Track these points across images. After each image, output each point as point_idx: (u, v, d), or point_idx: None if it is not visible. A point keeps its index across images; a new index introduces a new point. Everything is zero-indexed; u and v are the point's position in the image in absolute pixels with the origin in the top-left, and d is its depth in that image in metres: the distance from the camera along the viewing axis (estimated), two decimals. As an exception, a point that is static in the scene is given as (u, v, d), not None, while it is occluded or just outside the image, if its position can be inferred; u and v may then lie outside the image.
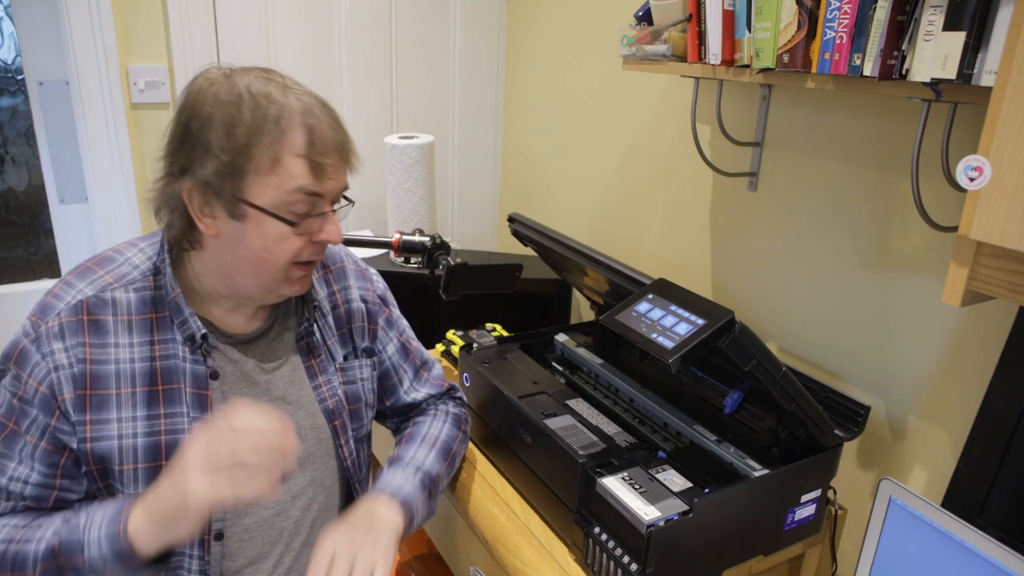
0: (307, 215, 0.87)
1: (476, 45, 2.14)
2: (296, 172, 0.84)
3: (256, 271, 0.89)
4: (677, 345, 0.89)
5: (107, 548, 0.81)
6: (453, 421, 1.19)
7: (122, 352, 0.89)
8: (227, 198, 0.84)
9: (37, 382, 0.86)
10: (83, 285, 0.91)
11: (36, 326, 0.88)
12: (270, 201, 0.84)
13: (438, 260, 1.47)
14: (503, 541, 1.14)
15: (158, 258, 0.93)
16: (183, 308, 0.91)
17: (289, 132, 0.83)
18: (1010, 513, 1.00)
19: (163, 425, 0.90)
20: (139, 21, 1.69)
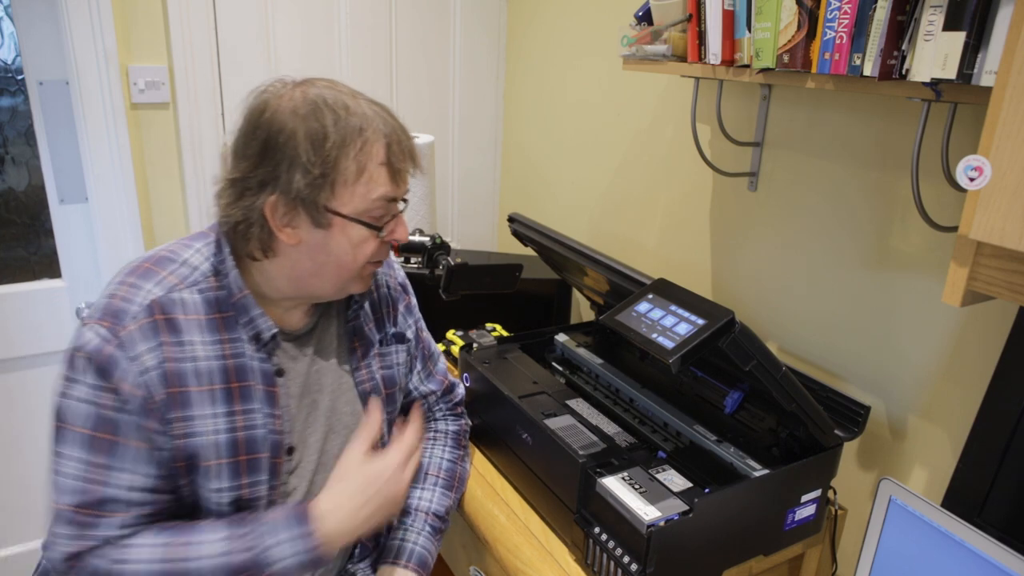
0: (385, 218, 0.92)
1: (476, 45, 2.13)
2: (380, 180, 0.89)
3: (336, 273, 0.93)
4: (677, 345, 0.89)
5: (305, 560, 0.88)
6: (453, 442, 1.23)
7: (198, 350, 0.90)
8: (313, 208, 0.87)
9: (131, 386, 0.86)
10: (150, 285, 0.90)
11: (114, 331, 0.86)
12: (355, 208, 0.89)
13: (438, 260, 1.47)
14: (503, 541, 1.14)
15: (216, 259, 0.93)
16: (252, 308, 0.93)
17: (372, 143, 0.88)
18: (1010, 513, 1.00)
19: (240, 421, 0.93)
20: (139, 21, 1.69)
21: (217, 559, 0.85)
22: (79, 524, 0.86)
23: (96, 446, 0.86)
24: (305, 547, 0.88)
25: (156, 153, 1.79)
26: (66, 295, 1.82)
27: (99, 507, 0.86)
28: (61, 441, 0.87)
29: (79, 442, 0.86)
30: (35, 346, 1.81)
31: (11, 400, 1.82)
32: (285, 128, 0.85)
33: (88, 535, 0.86)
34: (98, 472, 0.86)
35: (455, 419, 1.26)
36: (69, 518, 0.86)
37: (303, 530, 0.88)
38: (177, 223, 1.85)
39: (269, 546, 0.87)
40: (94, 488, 0.86)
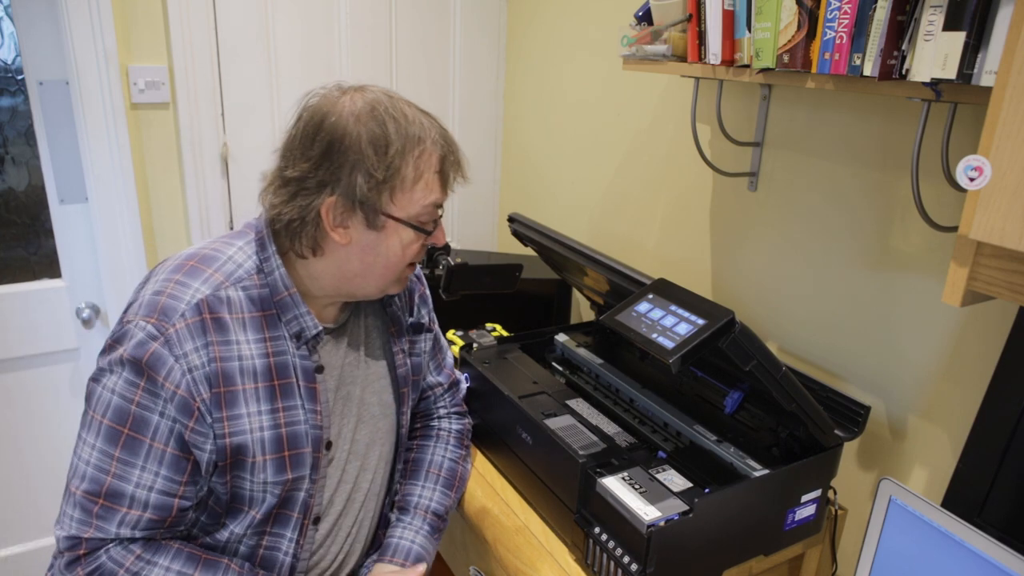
0: (431, 223, 0.96)
1: (476, 45, 2.13)
2: (434, 187, 0.94)
3: (382, 274, 0.97)
4: (677, 345, 0.89)
5: None
6: (456, 441, 1.24)
7: (243, 349, 0.91)
8: (370, 211, 0.90)
9: (174, 385, 0.86)
10: (198, 284, 0.90)
11: (162, 328, 0.87)
12: (408, 213, 0.93)
13: (438, 260, 1.47)
14: (503, 541, 1.14)
15: (259, 257, 0.95)
16: (298, 306, 0.95)
17: (431, 152, 0.92)
18: (1010, 513, 1.00)
19: (283, 418, 0.94)
20: (139, 21, 1.69)
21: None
22: (88, 511, 0.87)
23: (119, 441, 0.87)
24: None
25: (156, 153, 1.79)
26: (66, 295, 1.82)
27: (111, 499, 0.87)
28: (86, 427, 0.88)
29: (103, 433, 0.87)
30: (35, 346, 1.81)
31: (11, 400, 1.82)
32: (349, 133, 0.88)
33: (95, 524, 0.87)
34: (116, 466, 0.87)
35: (459, 418, 1.26)
36: (80, 503, 0.87)
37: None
38: (177, 223, 1.86)
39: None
40: (109, 480, 0.87)
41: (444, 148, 0.94)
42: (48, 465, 1.91)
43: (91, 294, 1.85)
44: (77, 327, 1.85)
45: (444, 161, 0.94)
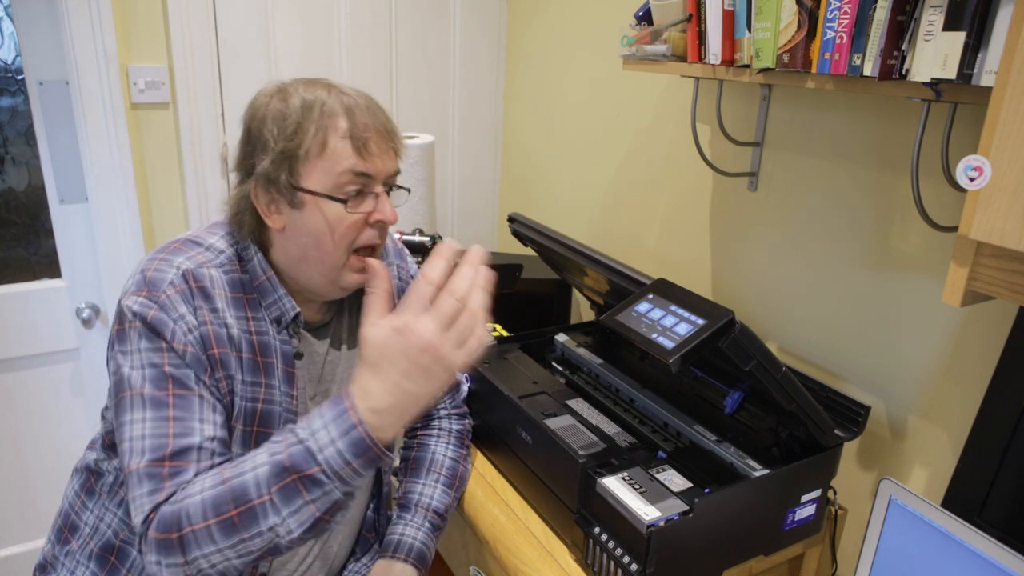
0: (359, 194, 0.92)
1: (476, 45, 2.13)
2: (343, 153, 0.89)
3: (319, 258, 0.93)
4: (677, 345, 0.89)
5: (344, 445, 0.76)
6: (457, 440, 1.23)
7: (229, 319, 0.92)
8: (285, 188, 0.90)
9: (183, 344, 0.87)
10: (181, 259, 0.92)
11: (153, 297, 0.88)
12: (323, 185, 0.90)
13: (438, 260, 1.46)
14: (503, 541, 1.14)
15: (239, 246, 0.96)
16: (276, 289, 0.96)
17: (332, 116, 0.89)
18: (1010, 513, 1.00)
19: (262, 393, 0.95)
20: (139, 21, 1.69)
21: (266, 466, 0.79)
22: (158, 477, 0.83)
23: (168, 402, 0.86)
24: (343, 427, 0.76)
25: (156, 153, 1.79)
26: (66, 295, 1.82)
27: (178, 459, 0.84)
28: (124, 410, 0.86)
29: (146, 403, 0.85)
30: (35, 346, 1.81)
31: (11, 400, 1.82)
32: (257, 114, 0.91)
33: (166, 485, 0.83)
34: (174, 426, 0.85)
35: (459, 418, 1.26)
36: (148, 473, 0.83)
37: (338, 410, 0.77)
38: (177, 223, 1.86)
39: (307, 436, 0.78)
40: (171, 443, 0.84)
41: (349, 111, 0.90)
42: (48, 465, 1.91)
43: (91, 294, 1.85)
44: (77, 327, 1.85)
45: (351, 124, 0.90)
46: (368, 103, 0.93)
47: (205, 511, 0.79)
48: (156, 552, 0.80)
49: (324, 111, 0.89)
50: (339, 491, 0.78)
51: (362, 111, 0.91)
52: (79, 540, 1.01)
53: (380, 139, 0.92)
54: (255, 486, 0.78)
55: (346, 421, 0.76)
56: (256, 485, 0.78)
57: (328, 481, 0.77)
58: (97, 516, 0.99)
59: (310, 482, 0.77)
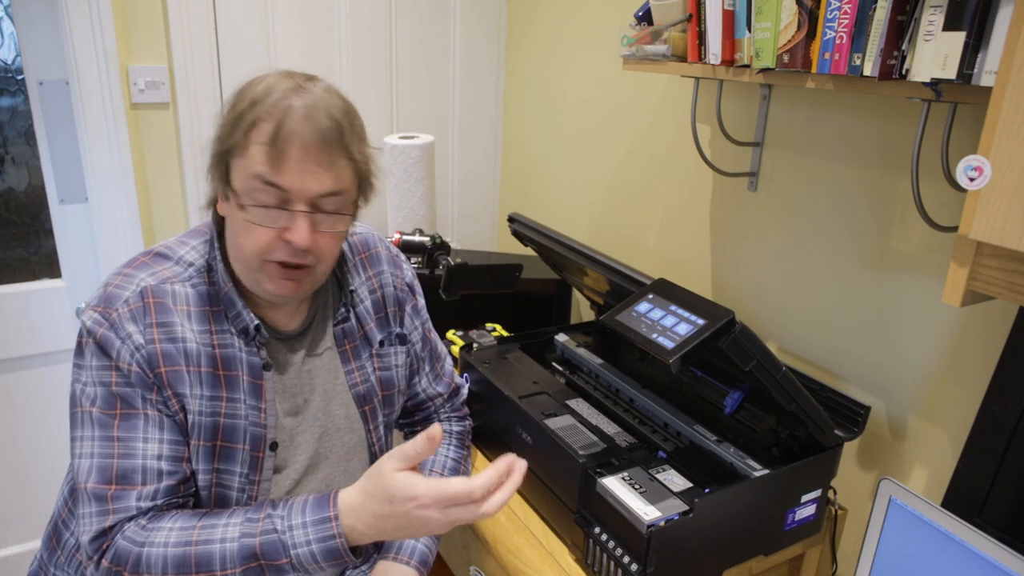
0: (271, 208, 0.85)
1: (476, 45, 2.13)
2: (256, 158, 0.84)
3: (237, 257, 0.92)
4: (677, 345, 0.89)
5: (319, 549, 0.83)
6: (457, 441, 1.23)
7: (186, 333, 0.92)
8: (221, 179, 0.89)
9: (127, 364, 0.88)
10: (144, 275, 0.92)
11: (106, 315, 0.89)
12: (240, 185, 0.86)
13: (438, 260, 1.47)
14: (503, 541, 1.14)
15: (210, 255, 0.95)
16: (236, 301, 0.94)
17: (261, 121, 0.84)
18: (1010, 513, 1.00)
19: (223, 408, 0.93)
20: (139, 21, 1.69)
21: (236, 543, 0.84)
22: (104, 499, 0.86)
23: (114, 422, 0.88)
24: (321, 535, 0.83)
25: (156, 153, 1.79)
26: (66, 295, 1.82)
27: (123, 480, 0.87)
28: (76, 426, 0.89)
29: (94, 421, 0.88)
30: (35, 346, 1.81)
31: (11, 400, 1.82)
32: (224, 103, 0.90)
33: (114, 508, 0.86)
34: (119, 446, 0.87)
35: (459, 419, 1.26)
36: (94, 494, 0.86)
37: (322, 516, 0.84)
38: (177, 223, 1.85)
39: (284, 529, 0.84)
40: (116, 462, 0.87)
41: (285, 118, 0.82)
42: (48, 465, 1.91)
43: (91, 294, 1.85)
44: (77, 327, 1.85)
45: (277, 132, 0.82)
46: (324, 116, 0.84)
47: (166, 566, 0.84)
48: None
49: (259, 111, 0.83)
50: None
51: (298, 119, 0.83)
52: (64, 551, 1.00)
53: (305, 153, 0.83)
54: (220, 559, 0.83)
55: (327, 530, 0.83)
56: (222, 559, 0.83)
57: (292, 572, 0.84)
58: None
59: (275, 570, 0.84)
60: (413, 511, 0.80)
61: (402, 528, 0.82)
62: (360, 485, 0.85)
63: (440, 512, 0.80)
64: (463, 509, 0.81)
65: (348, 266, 1.07)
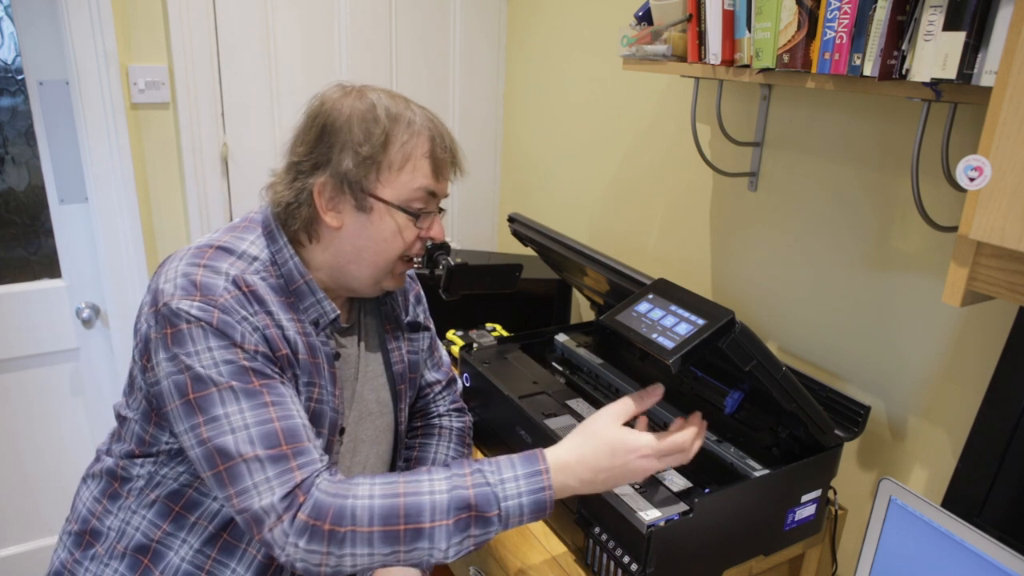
0: (423, 211, 0.96)
1: (476, 45, 2.13)
2: (423, 171, 0.94)
3: (372, 261, 0.97)
4: (677, 345, 0.89)
5: (528, 501, 0.86)
6: (458, 439, 1.23)
7: (284, 321, 0.93)
8: (358, 192, 0.93)
9: (252, 345, 0.87)
10: (226, 265, 0.91)
11: (211, 302, 0.86)
12: (396, 196, 0.94)
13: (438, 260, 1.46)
14: (503, 541, 1.14)
15: (271, 249, 0.96)
16: (315, 292, 0.97)
17: (419, 135, 0.94)
18: (1010, 513, 1.00)
19: (315, 393, 0.96)
20: (139, 21, 1.69)
21: (446, 495, 0.84)
22: (282, 459, 0.84)
23: (258, 391, 0.86)
24: (532, 487, 0.86)
25: (156, 153, 1.79)
26: (66, 295, 1.82)
27: (293, 439, 0.86)
28: (214, 404, 0.84)
29: (237, 396, 0.85)
30: (35, 346, 1.81)
31: (11, 400, 1.82)
32: (341, 115, 0.92)
33: (296, 466, 0.84)
34: (275, 410, 0.86)
35: (459, 415, 1.25)
36: (269, 459, 0.83)
37: (534, 469, 0.87)
38: (177, 223, 1.86)
39: (496, 482, 0.86)
40: (277, 424, 0.85)
41: (434, 133, 0.95)
42: (48, 465, 1.91)
43: (91, 294, 1.85)
44: (77, 327, 1.85)
45: (434, 147, 0.95)
46: (446, 128, 0.98)
47: (372, 517, 0.83)
48: (300, 535, 0.82)
49: (413, 127, 0.93)
50: (495, 533, 0.86)
51: (442, 134, 0.96)
52: (104, 544, 1.00)
53: (453, 164, 0.98)
54: (431, 510, 0.84)
55: (538, 483, 0.86)
56: (432, 509, 0.84)
57: (497, 524, 0.86)
58: (123, 520, 0.98)
59: (483, 521, 0.85)
60: (633, 461, 0.88)
61: (615, 478, 0.89)
62: (573, 443, 0.91)
63: (659, 461, 0.90)
64: (674, 457, 0.91)
65: None
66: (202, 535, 0.95)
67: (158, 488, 0.96)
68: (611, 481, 0.89)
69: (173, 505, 0.95)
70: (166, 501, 0.96)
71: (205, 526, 0.95)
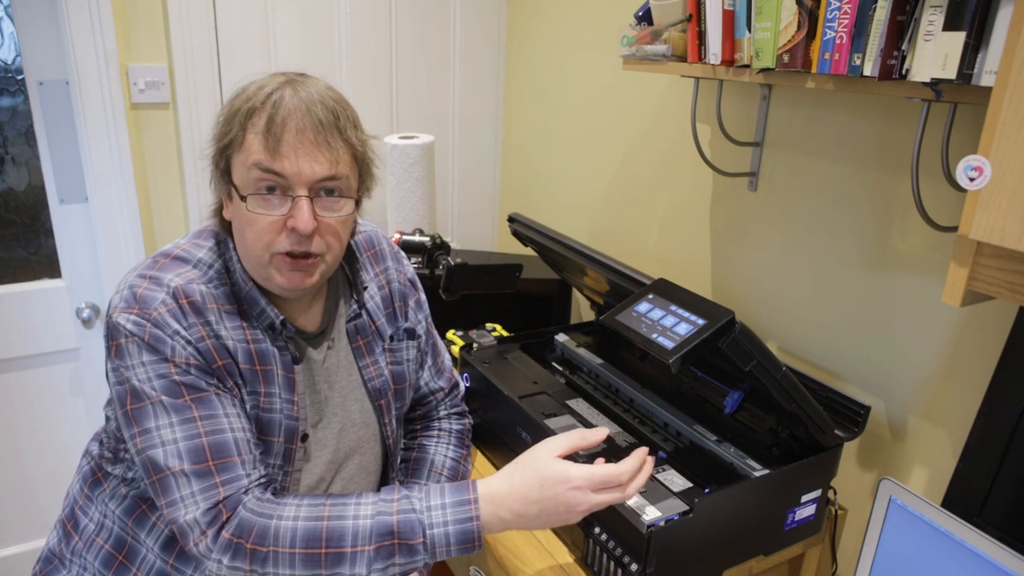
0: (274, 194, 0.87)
1: (476, 45, 2.13)
2: (254, 147, 0.86)
3: (246, 254, 0.92)
4: (677, 345, 0.89)
5: (455, 531, 0.85)
6: (457, 440, 1.23)
7: (223, 331, 0.91)
8: (224, 178, 0.90)
9: (184, 358, 0.87)
10: (170, 276, 0.90)
11: (145, 315, 0.87)
12: (240, 179, 0.88)
13: (438, 260, 1.47)
14: (503, 541, 1.14)
15: (225, 255, 0.95)
16: (259, 299, 0.94)
17: (257, 112, 0.86)
18: (1010, 513, 1.00)
19: (261, 402, 0.94)
20: (139, 21, 1.69)
21: (370, 520, 0.84)
22: (206, 475, 0.85)
23: (186, 405, 0.86)
24: (460, 516, 0.85)
25: (156, 153, 1.79)
26: (66, 295, 1.82)
27: (220, 454, 0.86)
28: (145, 418, 0.85)
29: (167, 409, 0.85)
30: (35, 346, 1.81)
31: (11, 400, 1.82)
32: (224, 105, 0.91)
33: (220, 482, 0.85)
34: (203, 424, 0.86)
35: (458, 418, 1.26)
36: (193, 473, 0.84)
37: (462, 498, 0.86)
38: (177, 223, 1.86)
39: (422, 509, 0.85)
40: (205, 440, 0.86)
41: (277, 106, 0.85)
42: (48, 465, 1.91)
43: (91, 294, 1.85)
44: (77, 327, 1.85)
45: (270, 120, 0.84)
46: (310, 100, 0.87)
47: (295, 539, 0.83)
48: (223, 551, 0.83)
49: (251, 104, 0.86)
50: (421, 562, 0.85)
51: (291, 106, 0.85)
52: (84, 537, 1.01)
53: (302, 137, 0.85)
54: (353, 535, 0.83)
55: (466, 512, 0.85)
56: (355, 534, 0.83)
57: (423, 554, 0.84)
58: (101, 513, 1.00)
59: (408, 550, 0.84)
60: (564, 493, 0.85)
61: (547, 512, 0.86)
62: (506, 473, 0.89)
63: (590, 494, 0.86)
64: (610, 493, 0.87)
65: (359, 263, 1.08)
66: (159, 539, 0.96)
67: (131, 486, 0.97)
68: (544, 515, 0.86)
69: (141, 504, 0.97)
70: (136, 499, 0.97)
71: (163, 529, 0.96)
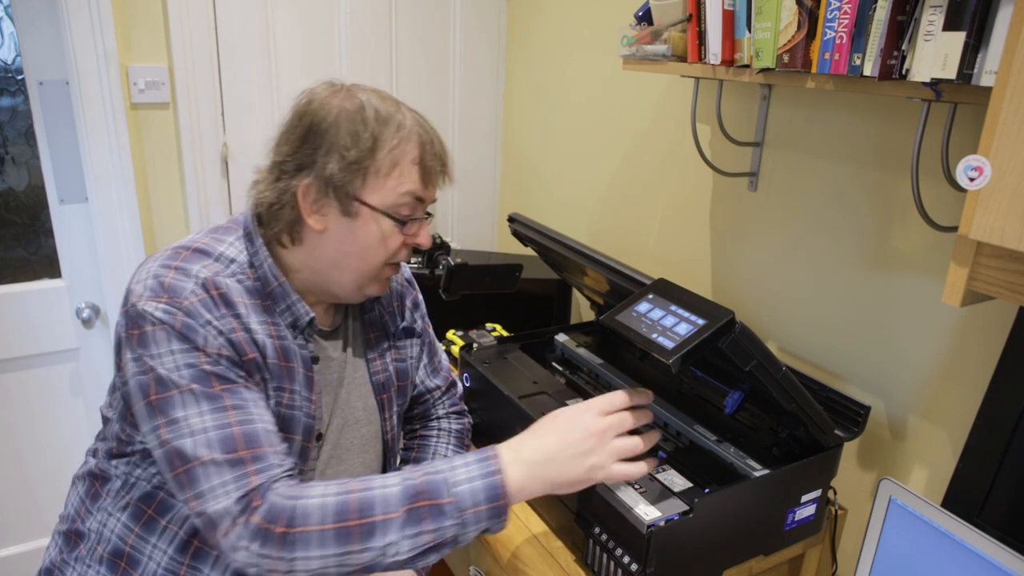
0: (410, 218, 0.95)
1: (476, 45, 2.13)
2: (411, 177, 0.92)
3: (356, 267, 0.95)
4: (677, 345, 0.89)
5: (481, 486, 0.84)
6: (457, 439, 1.23)
7: (253, 324, 0.91)
8: (343, 196, 0.90)
9: (216, 349, 0.86)
10: (197, 267, 0.90)
11: (176, 304, 0.85)
12: (383, 201, 0.92)
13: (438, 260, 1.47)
14: (503, 541, 1.14)
15: (249, 251, 0.95)
16: (289, 294, 0.95)
17: (408, 140, 0.92)
18: (1010, 513, 1.00)
19: (285, 398, 0.94)
20: (139, 21, 1.69)
21: (397, 487, 0.83)
22: (240, 463, 0.84)
23: (218, 395, 0.85)
24: (484, 471, 0.85)
25: (156, 153, 1.79)
26: (66, 295, 1.82)
27: (251, 443, 0.85)
28: (174, 407, 0.84)
29: (198, 398, 0.84)
30: (35, 346, 1.81)
31: (11, 400, 1.82)
32: (328, 116, 0.90)
33: (253, 471, 0.84)
34: (234, 414, 0.85)
35: (458, 417, 1.26)
36: (227, 462, 0.83)
37: (483, 456, 0.86)
38: (177, 223, 1.86)
39: (446, 469, 0.85)
40: (236, 429, 0.84)
41: (424, 139, 0.93)
42: (48, 465, 1.91)
43: (91, 294, 1.85)
44: (77, 327, 1.85)
45: (424, 152, 0.93)
46: (432, 130, 0.96)
47: (325, 515, 0.82)
48: (253, 539, 0.81)
49: (401, 132, 0.91)
50: (453, 530, 0.83)
51: (432, 140, 0.95)
52: (87, 545, 1.00)
53: (443, 170, 0.97)
54: (382, 502, 0.83)
55: (489, 465, 0.85)
56: (384, 501, 0.83)
57: (451, 515, 0.83)
58: (100, 522, 0.98)
59: (436, 511, 0.83)
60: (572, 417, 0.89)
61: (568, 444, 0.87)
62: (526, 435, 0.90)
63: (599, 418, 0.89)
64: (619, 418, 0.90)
65: None
66: (174, 541, 0.95)
67: (133, 490, 0.96)
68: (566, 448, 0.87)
69: (146, 508, 0.95)
70: (139, 504, 0.95)
71: (176, 531, 0.95)
